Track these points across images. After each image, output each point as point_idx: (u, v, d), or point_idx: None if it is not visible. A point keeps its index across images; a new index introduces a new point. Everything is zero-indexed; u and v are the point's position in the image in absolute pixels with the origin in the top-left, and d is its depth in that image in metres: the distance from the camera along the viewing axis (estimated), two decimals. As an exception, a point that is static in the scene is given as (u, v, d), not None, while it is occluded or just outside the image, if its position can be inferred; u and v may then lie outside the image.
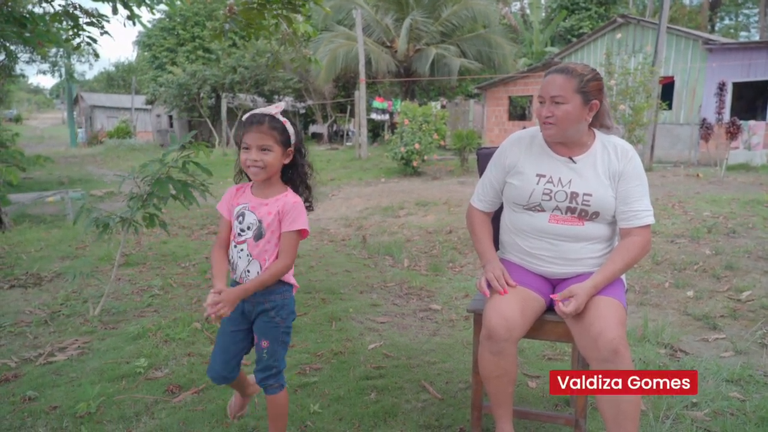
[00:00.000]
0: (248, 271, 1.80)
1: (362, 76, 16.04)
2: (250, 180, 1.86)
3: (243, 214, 1.81)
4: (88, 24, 4.74)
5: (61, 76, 31.05)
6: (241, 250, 1.81)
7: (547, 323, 1.95)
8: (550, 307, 1.97)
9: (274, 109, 1.77)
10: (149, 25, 27.44)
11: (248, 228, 1.80)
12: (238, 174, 1.89)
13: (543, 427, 2.21)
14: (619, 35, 13.56)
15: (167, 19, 27.60)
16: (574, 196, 1.87)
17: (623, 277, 1.97)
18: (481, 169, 2.20)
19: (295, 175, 1.86)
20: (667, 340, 3.00)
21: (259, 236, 1.79)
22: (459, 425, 2.21)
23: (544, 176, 1.92)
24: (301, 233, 1.82)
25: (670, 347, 2.94)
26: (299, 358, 2.86)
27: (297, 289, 1.93)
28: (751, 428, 2.12)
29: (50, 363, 2.78)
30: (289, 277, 1.88)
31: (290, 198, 1.80)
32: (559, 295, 1.82)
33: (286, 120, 1.78)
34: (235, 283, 1.83)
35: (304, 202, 1.86)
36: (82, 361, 2.81)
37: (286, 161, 1.81)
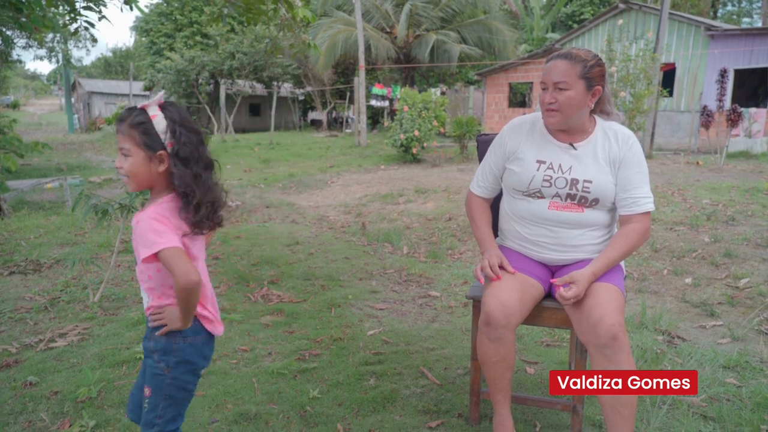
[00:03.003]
0: (143, 299, 1.50)
1: (362, 63, 15.93)
2: None
3: None
4: (84, 8, 4.70)
5: (58, 62, 30.86)
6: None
7: (545, 310, 1.96)
8: (549, 294, 1.98)
9: (149, 101, 1.39)
10: (146, 10, 27.18)
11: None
12: None
13: (541, 412, 2.23)
14: (620, 21, 13.44)
15: (165, 4, 27.34)
16: (574, 182, 1.87)
17: (622, 263, 1.98)
18: (481, 156, 2.19)
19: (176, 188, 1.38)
20: (664, 327, 3.01)
21: (136, 260, 1.42)
22: (457, 411, 2.22)
23: (544, 162, 1.91)
24: (164, 252, 1.32)
25: (668, 334, 2.95)
26: (299, 344, 2.88)
27: (218, 327, 1.51)
28: (746, 414, 2.14)
29: (51, 349, 2.80)
30: (200, 311, 1.46)
31: (140, 215, 1.36)
32: (559, 280, 1.82)
33: (157, 114, 1.36)
34: None
35: (194, 226, 1.39)
36: (83, 347, 2.82)
37: (161, 168, 1.37)
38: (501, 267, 1.91)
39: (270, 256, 4.61)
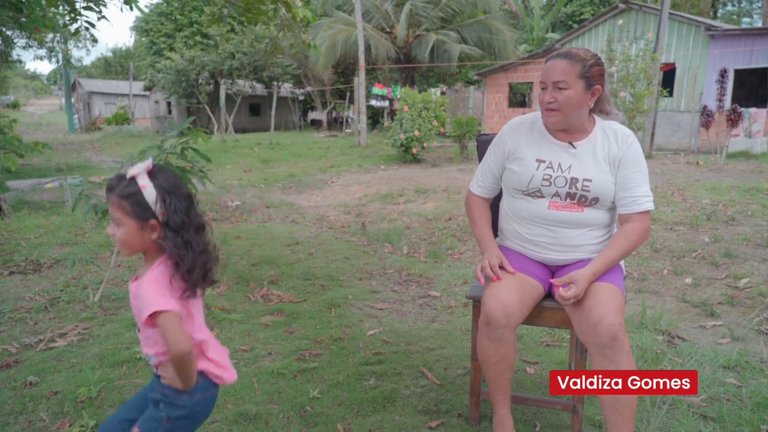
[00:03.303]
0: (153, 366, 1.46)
1: (362, 63, 15.93)
2: None
3: None
4: (85, 8, 4.70)
5: (58, 62, 30.88)
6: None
7: (545, 310, 1.96)
8: (549, 294, 1.98)
9: (137, 169, 1.33)
10: (146, 10, 27.19)
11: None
12: None
13: (541, 412, 2.23)
14: (620, 21, 13.44)
15: (165, 4, 27.35)
16: (573, 181, 1.87)
17: (622, 263, 1.98)
18: (481, 156, 2.20)
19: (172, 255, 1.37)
20: (664, 327, 3.01)
21: (137, 327, 1.43)
22: (457, 411, 2.22)
23: (543, 161, 1.91)
24: (160, 315, 1.29)
25: (668, 334, 2.95)
26: (299, 344, 2.88)
27: (227, 374, 1.47)
28: (746, 414, 2.14)
29: (51, 349, 2.79)
30: (205, 367, 1.42)
31: (140, 281, 1.36)
32: (558, 280, 1.82)
33: (147, 184, 1.32)
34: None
35: (188, 290, 1.37)
36: (83, 347, 2.82)
37: (154, 236, 1.34)
38: (501, 267, 1.91)
39: (270, 256, 4.61)
